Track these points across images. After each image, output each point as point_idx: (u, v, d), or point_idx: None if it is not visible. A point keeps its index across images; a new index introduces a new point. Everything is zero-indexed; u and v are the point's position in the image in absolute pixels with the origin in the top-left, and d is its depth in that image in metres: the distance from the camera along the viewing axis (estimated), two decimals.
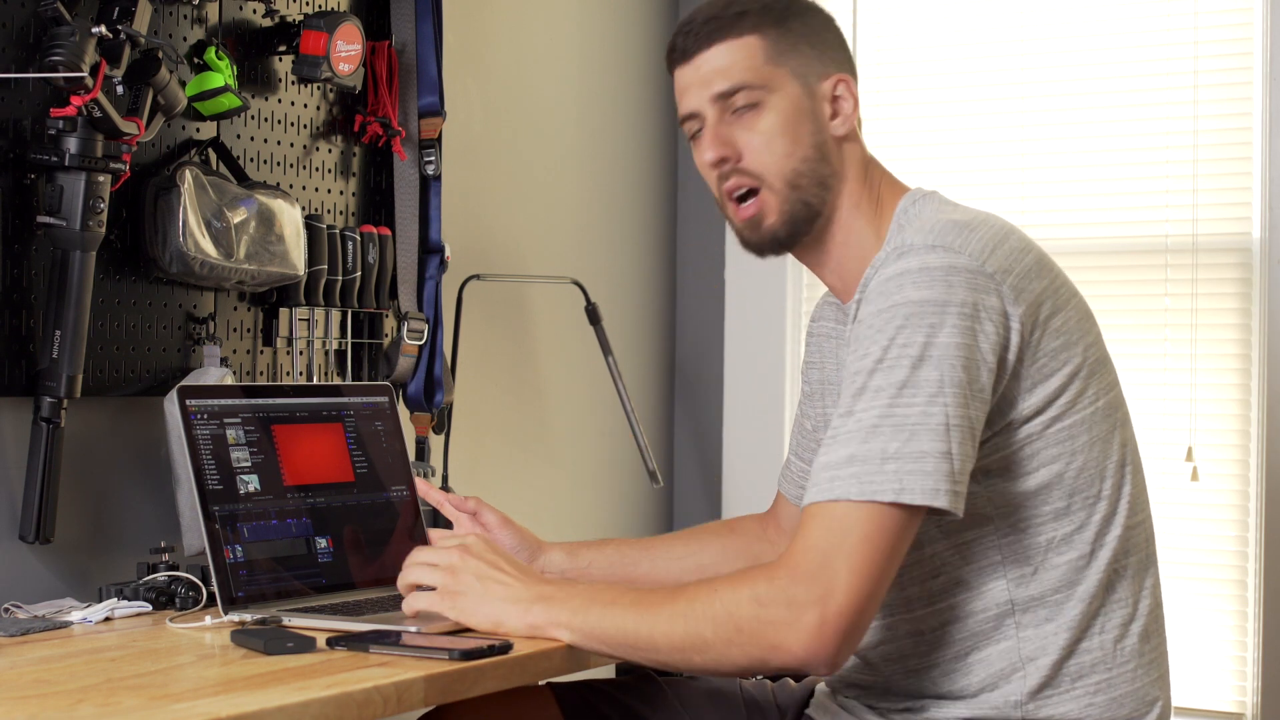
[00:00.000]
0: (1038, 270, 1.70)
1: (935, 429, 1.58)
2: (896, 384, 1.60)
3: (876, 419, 1.60)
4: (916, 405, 1.59)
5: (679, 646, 1.64)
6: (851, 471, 1.59)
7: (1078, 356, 1.70)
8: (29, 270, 2.04)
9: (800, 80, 1.80)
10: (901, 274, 1.64)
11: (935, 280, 1.62)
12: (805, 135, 1.80)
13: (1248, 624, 2.94)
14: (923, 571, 1.72)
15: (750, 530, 2.11)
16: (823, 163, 1.80)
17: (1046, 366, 1.67)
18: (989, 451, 1.67)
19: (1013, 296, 1.65)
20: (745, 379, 3.37)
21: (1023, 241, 1.72)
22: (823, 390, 1.98)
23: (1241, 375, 2.96)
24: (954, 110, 3.22)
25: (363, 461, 2.15)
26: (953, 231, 1.67)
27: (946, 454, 1.58)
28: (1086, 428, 1.70)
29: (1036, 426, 1.68)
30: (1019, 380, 1.66)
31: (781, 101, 1.79)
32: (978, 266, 1.64)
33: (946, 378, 1.59)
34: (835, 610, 1.57)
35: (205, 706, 1.41)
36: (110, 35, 2.00)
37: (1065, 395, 1.68)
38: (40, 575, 2.07)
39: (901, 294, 1.62)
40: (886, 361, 1.61)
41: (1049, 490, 1.69)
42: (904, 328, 1.61)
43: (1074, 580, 1.70)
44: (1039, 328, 1.67)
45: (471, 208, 2.86)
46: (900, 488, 1.57)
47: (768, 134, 1.79)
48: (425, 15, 2.57)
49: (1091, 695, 1.70)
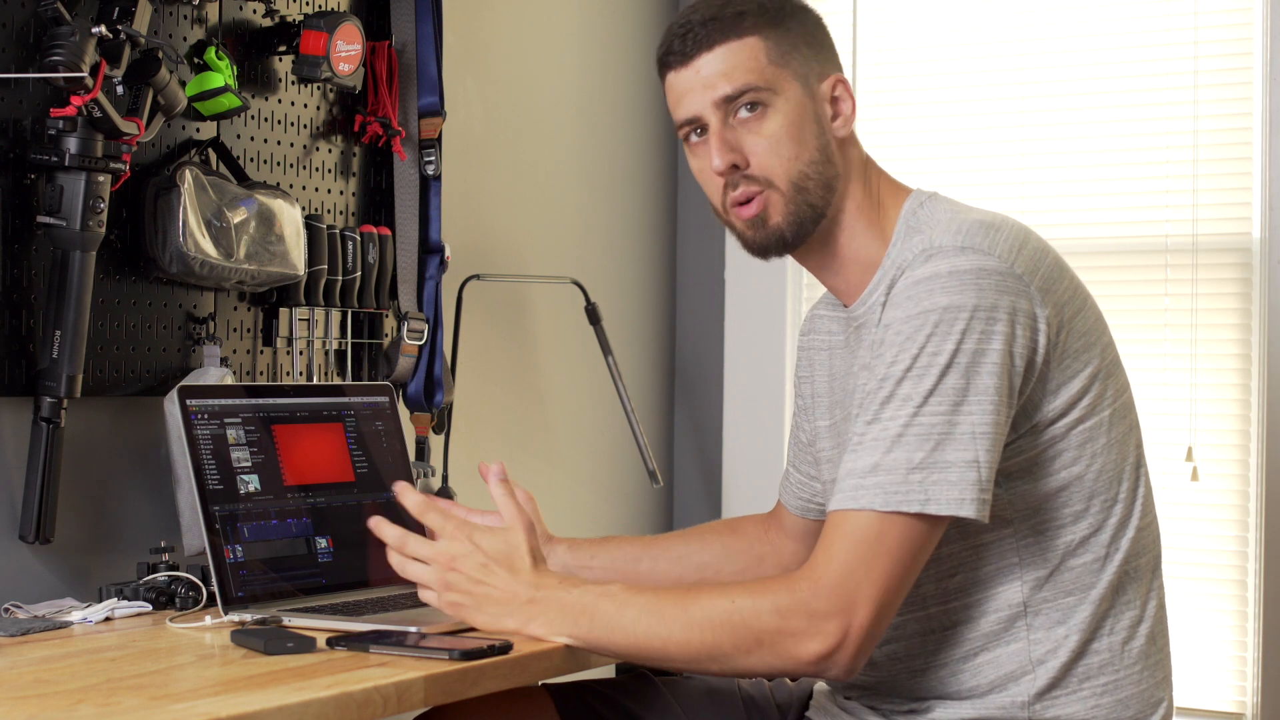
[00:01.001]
0: (1059, 271, 1.70)
1: (962, 438, 1.58)
2: (924, 392, 1.59)
3: (901, 428, 1.59)
4: (942, 414, 1.58)
5: (695, 656, 1.63)
6: (876, 481, 1.59)
7: (1097, 357, 1.70)
8: (29, 270, 2.04)
9: (802, 82, 1.77)
10: (931, 277, 1.63)
11: (966, 285, 1.61)
12: (810, 138, 1.76)
13: (1248, 624, 2.94)
14: (939, 570, 1.72)
15: (752, 531, 2.11)
16: (828, 164, 1.78)
17: (1070, 368, 1.67)
18: (1013, 454, 1.67)
19: (1040, 298, 1.64)
20: (745, 379, 3.36)
21: (1041, 242, 1.73)
22: (814, 402, 1.97)
23: (1241, 375, 2.96)
24: (954, 110, 3.22)
25: (363, 461, 2.15)
26: (980, 232, 1.66)
27: (973, 463, 1.58)
28: (1106, 429, 1.69)
29: (1060, 429, 1.67)
30: (1045, 382, 1.66)
31: (786, 104, 1.75)
32: (1007, 268, 1.63)
33: (974, 384, 1.59)
34: (858, 623, 1.57)
35: (205, 706, 1.41)
36: (110, 35, 2.00)
37: (1087, 397, 1.68)
38: (40, 575, 2.07)
39: (931, 299, 1.62)
40: (915, 370, 1.60)
41: (1069, 493, 1.69)
42: (934, 335, 1.60)
43: (1089, 583, 1.70)
44: (1064, 328, 1.66)
45: (471, 208, 2.86)
46: (926, 498, 1.57)
47: (774, 138, 1.75)
48: (425, 15, 2.57)
49: (1098, 696, 1.70)
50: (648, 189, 3.37)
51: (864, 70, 3.29)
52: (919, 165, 3.21)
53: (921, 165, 3.20)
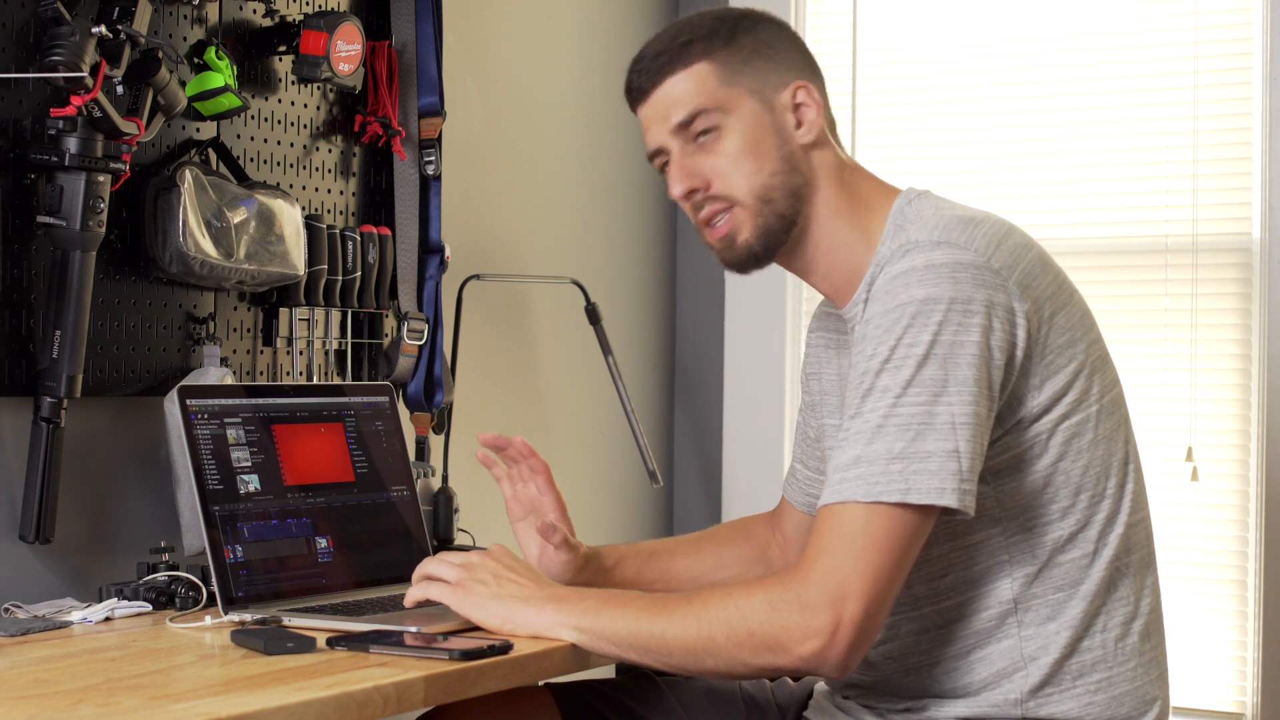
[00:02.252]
0: (1041, 266, 1.70)
1: (941, 428, 1.58)
2: (902, 383, 1.60)
3: (881, 419, 1.60)
4: (921, 404, 1.59)
5: (691, 649, 1.64)
6: (858, 473, 1.59)
7: (1082, 353, 1.70)
8: (29, 270, 2.04)
9: (757, 96, 1.79)
10: (908, 271, 1.64)
11: (941, 277, 1.62)
12: (770, 149, 1.79)
13: (1248, 624, 2.94)
14: (930, 571, 1.72)
15: (761, 534, 2.11)
16: (793, 174, 1.79)
17: (1054, 363, 1.67)
18: (999, 451, 1.67)
19: (1019, 292, 1.65)
20: (745, 379, 3.36)
21: (1024, 238, 1.73)
22: (823, 400, 1.97)
23: (1241, 375, 2.96)
24: (954, 110, 3.22)
25: (363, 461, 2.15)
26: (957, 227, 1.67)
27: (953, 453, 1.58)
28: (1093, 425, 1.70)
29: (1045, 425, 1.68)
30: (1028, 377, 1.66)
31: (740, 122, 1.79)
32: (984, 262, 1.64)
33: (952, 375, 1.59)
34: (849, 614, 1.57)
35: (205, 706, 1.41)
36: (110, 35, 2.00)
37: (1072, 392, 1.68)
38: (40, 575, 2.07)
39: (908, 292, 1.62)
40: (893, 361, 1.61)
41: (1056, 488, 1.69)
42: (910, 326, 1.61)
43: (1078, 579, 1.70)
44: (1045, 323, 1.67)
45: (471, 208, 2.86)
46: (907, 488, 1.57)
47: (732, 156, 1.78)
48: (425, 15, 2.57)
49: (1092, 694, 1.70)
50: (648, 189, 3.37)
51: (864, 70, 3.29)
52: (919, 165, 3.21)
53: (922, 165, 3.21)
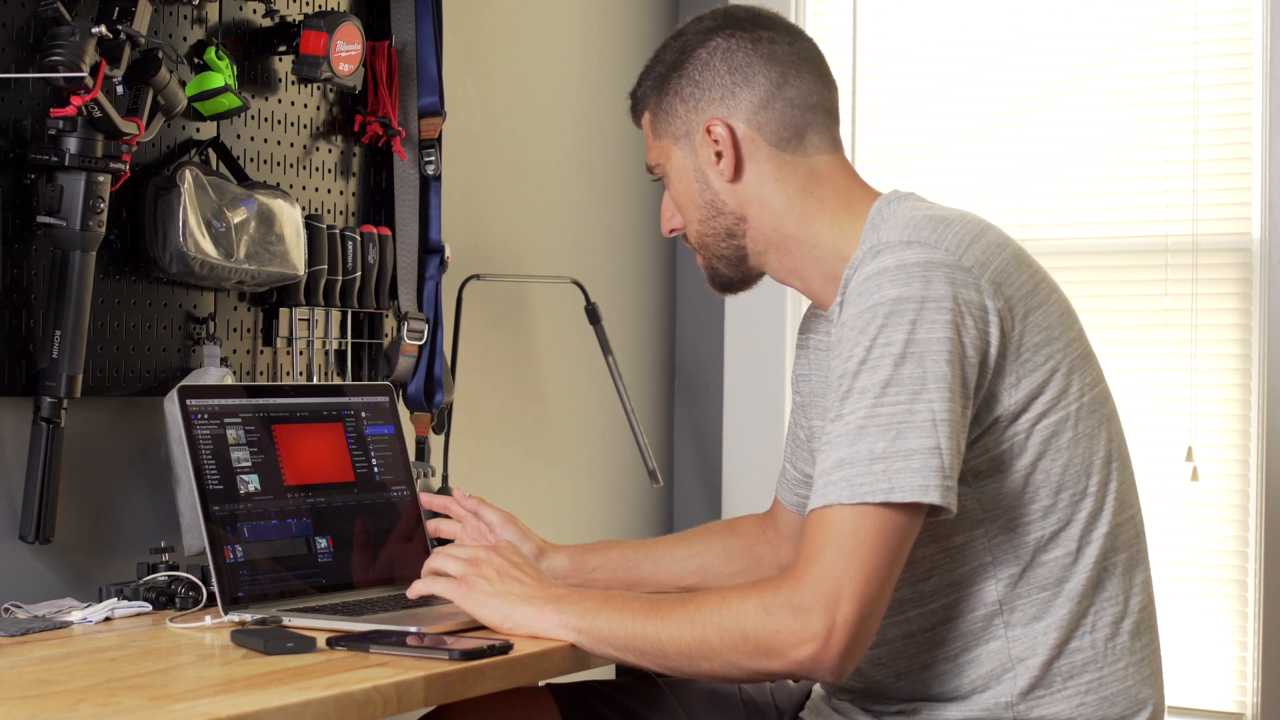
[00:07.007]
0: (1016, 265, 1.70)
1: (922, 425, 1.58)
2: (880, 383, 1.60)
3: (862, 420, 1.59)
4: (901, 403, 1.59)
5: (686, 652, 1.64)
6: (842, 475, 1.59)
7: (1060, 352, 1.69)
8: (29, 270, 2.04)
9: (683, 142, 1.86)
10: (879, 272, 1.63)
11: (913, 276, 1.62)
12: (695, 197, 1.87)
13: (1248, 624, 2.94)
14: (914, 574, 1.72)
15: (750, 531, 2.11)
16: (718, 217, 1.86)
17: (1030, 361, 1.67)
18: (978, 452, 1.67)
19: (992, 290, 1.64)
20: (745, 379, 3.36)
21: (1000, 237, 1.72)
22: (813, 401, 1.97)
23: (1241, 375, 2.96)
24: (953, 111, 3.22)
25: (363, 461, 2.15)
26: (928, 226, 1.67)
27: (935, 449, 1.58)
28: (1072, 424, 1.69)
29: (1023, 424, 1.67)
30: (1002, 376, 1.66)
31: (674, 172, 1.89)
32: (955, 261, 1.64)
33: (930, 373, 1.59)
34: (842, 617, 1.57)
35: (205, 706, 1.41)
36: (110, 35, 2.00)
37: (1049, 391, 1.68)
38: (40, 575, 2.07)
39: (880, 293, 1.62)
40: (870, 362, 1.61)
41: (1037, 488, 1.69)
42: (885, 326, 1.61)
43: (1062, 578, 1.70)
44: (1020, 322, 1.66)
45: (471, 208, 2.86)
46: (890, 487, 1.57)
47: (679, 205, 1.90)
48: (425, 15, 2.57)
49: (1083, 695, 1.70)
50: (648, 189, 3.37)
51: (864, 70, 3.29)
52: (919, 165, 3.21)
53: (922, 165, 3.21)
